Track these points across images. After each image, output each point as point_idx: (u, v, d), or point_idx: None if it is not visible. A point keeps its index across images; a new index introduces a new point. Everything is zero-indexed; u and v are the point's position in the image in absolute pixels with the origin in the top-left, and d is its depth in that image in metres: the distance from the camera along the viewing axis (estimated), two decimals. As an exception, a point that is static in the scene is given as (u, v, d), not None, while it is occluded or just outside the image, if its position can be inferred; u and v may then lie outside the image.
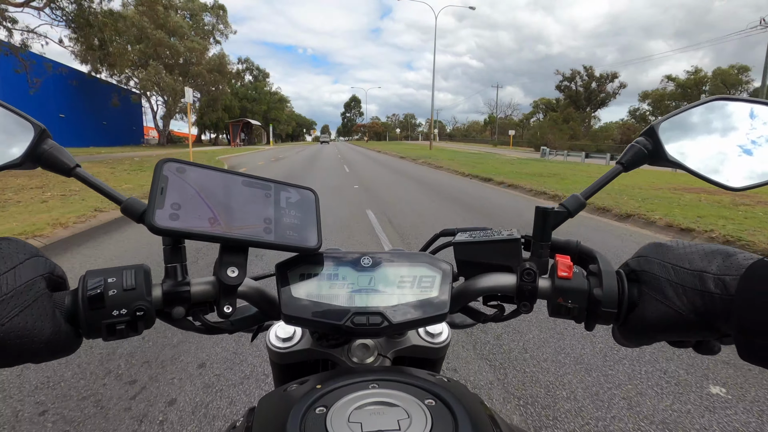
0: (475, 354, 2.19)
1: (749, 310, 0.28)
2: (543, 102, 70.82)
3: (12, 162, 0.35)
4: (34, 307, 0.30)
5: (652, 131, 0.42)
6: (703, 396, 1.85)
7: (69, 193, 6.72)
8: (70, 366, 1.98)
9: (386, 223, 5.45)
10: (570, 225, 3.33)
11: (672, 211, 6.09)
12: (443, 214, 6.24)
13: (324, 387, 0.31)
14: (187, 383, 1.89)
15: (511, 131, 49.63)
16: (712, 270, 0.32)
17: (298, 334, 0.50)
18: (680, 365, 2.09)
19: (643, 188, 9.09)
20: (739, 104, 0.42)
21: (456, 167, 14.90)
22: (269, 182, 0.40)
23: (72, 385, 1.86)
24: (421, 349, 0.50)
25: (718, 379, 1.97)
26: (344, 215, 5.94)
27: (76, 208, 5.54)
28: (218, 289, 0.37)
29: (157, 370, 1.98)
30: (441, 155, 22.82)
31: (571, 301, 0.37)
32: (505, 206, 7.23)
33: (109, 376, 1.92)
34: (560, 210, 0.41)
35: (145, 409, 1.70)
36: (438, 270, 0.41)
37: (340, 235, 4.74)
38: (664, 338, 0.35)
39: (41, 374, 1.92)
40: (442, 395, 0.30)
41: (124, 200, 0.36)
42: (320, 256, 0.41)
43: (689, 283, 0.33)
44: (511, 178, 11.01)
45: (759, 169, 0.40)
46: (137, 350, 2.14)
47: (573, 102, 57.33)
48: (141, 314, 0.33)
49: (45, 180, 8.30)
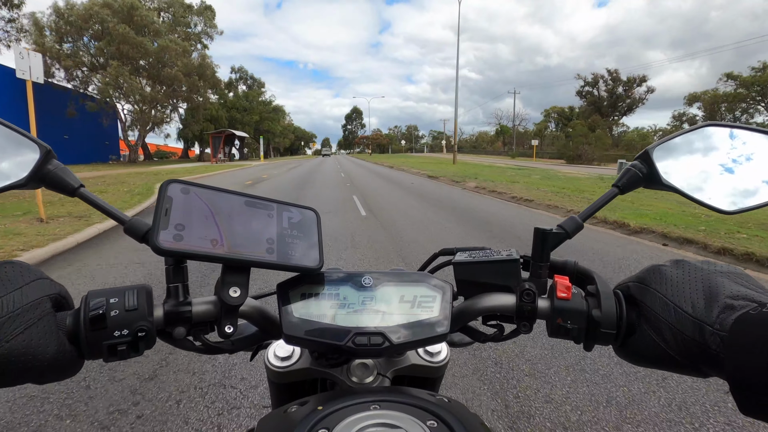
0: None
1: (739, 368, 0.28)
2: (555, 110, 65.32)
3: (17, 182, 0.35)
4: (39, 326, 0.30)
5: (647, 155, 0.43)
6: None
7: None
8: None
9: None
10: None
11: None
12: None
13: (325, 408, 0.31)
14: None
15: (535, 141, 43.73)
16: (713, 321, 0.31)
17: (296, 353, 0.49)
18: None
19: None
20: (729, 130, 0.44)
21: (536, 197, 8.77)
22: (272, 203, 0.40)
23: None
24: (421, 368, 0.50)
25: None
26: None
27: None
28: (219, 309, 0.37)
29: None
30: (478, 173, 16.76)
31: (570, 322, 0.38)
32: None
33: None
34: (558, 231, 0.42)
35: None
36: (438, 290, 0.41)
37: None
38: (656, 368, 0.36)
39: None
40: (444, 416, 0.30)
41: (128, 220, 0.37)
42: (321, 275, 0.41)
43: (689, 331, 0.32)
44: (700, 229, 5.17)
45: (750, 194, 0.42)
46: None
47: (597, 108, 51.64)
48: (142, 335, 0.33)
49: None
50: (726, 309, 0.31)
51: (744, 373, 0.27)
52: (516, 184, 11.67)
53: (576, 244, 4.58)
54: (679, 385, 1.98)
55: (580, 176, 15.60)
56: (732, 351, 0.29)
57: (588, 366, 2.15)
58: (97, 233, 5.22)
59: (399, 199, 9.40)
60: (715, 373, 0.31)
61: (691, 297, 0.33)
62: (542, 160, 41.01)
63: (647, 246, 4.91)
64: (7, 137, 0.36)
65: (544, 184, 11.78)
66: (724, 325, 0.30)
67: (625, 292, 0.38)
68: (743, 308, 0.30)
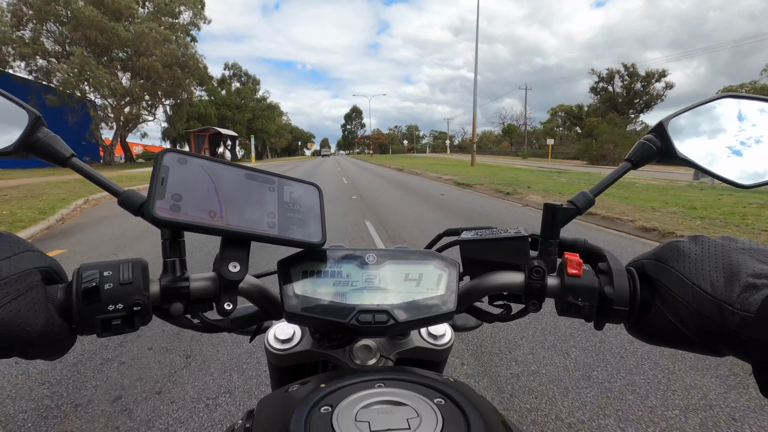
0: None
1: (766, 350, 0.27)
2: (563, 109, 61.79)
3: (3, 150, 0.34)
4: (27, 297, 0.29)
5: (662, 128, 0.41)
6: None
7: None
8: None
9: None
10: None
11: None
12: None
13: (328, 386, 0.30)
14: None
15: (550, 140, 40.30)
16: (733, 300, 0.29)
17: (297, 335, 0.48)
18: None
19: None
20: (749, 102, 0.43)
21: (625, 214, 5.13)
22: (272, 176, 0.39)
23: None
24: (424, 350, 0.49)
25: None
26: None
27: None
28: (218, 285, 0.36)
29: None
30: (517, 178, 13.12)
31: (581, 300, 0.37)
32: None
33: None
34: (569, 207, 0.41)
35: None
36: (444, 268, 0.40)
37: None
38: (670, 347, 0.35)
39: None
40: (452, 394, 0.29)
41: (122, 192, 0.36)
42: (324, 252, 0.40)
43: (707, 311, 0.30)
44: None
45: (766, 167, 0.41)
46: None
47: (612, 106, 48.12)
48: (138, 309, 0.32)
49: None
50: (747, 288, 0.29)
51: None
52: (623, 201, 7.39)
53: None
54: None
55: (661, 184, 11.45)
56: (759, 332, 0.27)
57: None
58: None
59: (444, 228, 5.53)
60: (734, 353, 0.30)
61: (710, 275, 0.31)
62: (558, 161, 37.60)
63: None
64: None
65: (644, 198, 7.88)
66: (745, 304, 0.29)
67: (638, 269, 0.37)
68: (766, 287, 0.29)
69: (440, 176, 14.93)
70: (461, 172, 16.88)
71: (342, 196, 9.78)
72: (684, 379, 1.94)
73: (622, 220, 5.65)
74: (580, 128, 53.97)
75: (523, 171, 17.80)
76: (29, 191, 8.91)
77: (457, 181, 12.68)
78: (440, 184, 13.07)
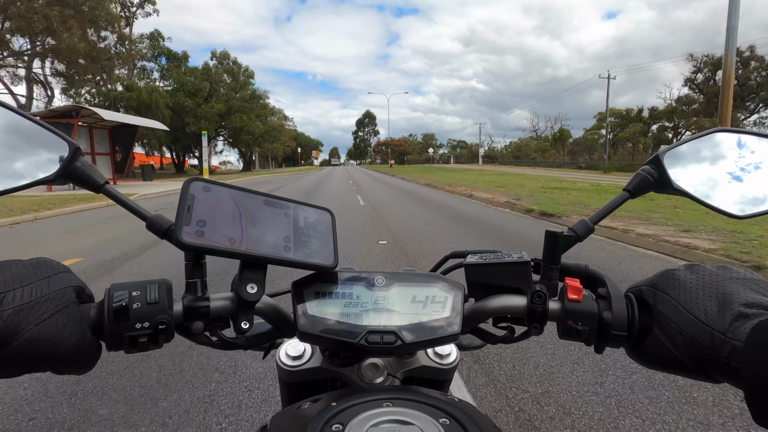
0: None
1: (755, 377, 0.30)
2: (614, 113, 57.22)
3: (47, 178, 0.41)
4: (64, 313, 0.35)
5: (658, 160, 0.48)
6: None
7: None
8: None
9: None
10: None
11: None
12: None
13: (339, 405, 0.35)
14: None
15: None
16: (725, 329, 0.34)
17: (308, 352, 0.55)
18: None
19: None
20: (740, 136, 0.50)
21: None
22: (289, 202, 0.46)
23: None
24: (430, 369, 0.55)
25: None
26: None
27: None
28: (237, 305, 0.42)
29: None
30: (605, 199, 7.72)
31: (581, 324, 0.42)
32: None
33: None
34: (569, 234, 0.47)
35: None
36: (450, 291, 0.46)
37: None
38: (667, 372, 0.40)
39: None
40: (456, 415, 0.34)
41: (150, 216, 0.42)
42: (335, 274, 0.46)
43: (700, 339, 0.35)
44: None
45: (758, 199, 0.48)
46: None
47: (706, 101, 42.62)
48: (163, 328, 0.38)
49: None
50: (739, 317, 0.34)
51: (761, 382, 0.30)
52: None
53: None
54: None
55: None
56: (749, 359, 0.31)
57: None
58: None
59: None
60: (727, 380, 0.35)
61: (703, 303, 0.37)
62: (617, 174, 32.99)
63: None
64: (39, 134, 0.42)
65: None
66: (736, 333, 0.33)
67: (637, 295, 0.43)
68: (757, 316, 0.33)
69: (513, 201, 11.22)
70: (531, 192, 13.67)
71: (361, 232, 6.86)
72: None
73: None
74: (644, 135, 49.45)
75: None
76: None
77: (538, 210, 9.41)
78: (515, 216, 9.57)
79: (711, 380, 0.37)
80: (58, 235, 7.16)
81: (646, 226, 6.71)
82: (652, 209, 8.55)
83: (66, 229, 7.88)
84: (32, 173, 0.41)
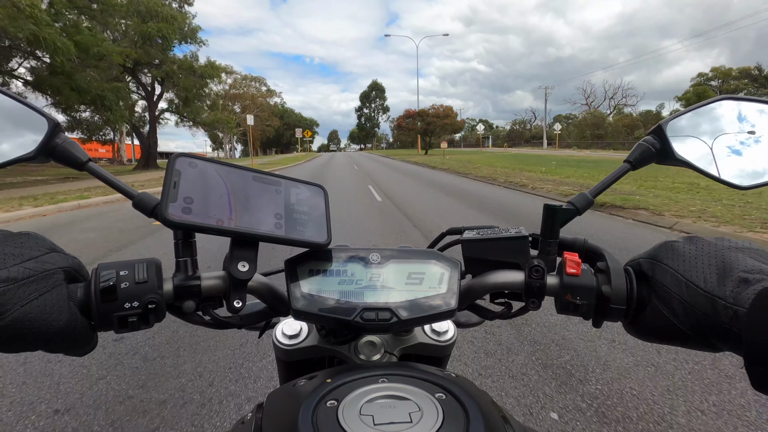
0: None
1: (757, 344, 0.30)
2: (722, 74, 41.43)
3: (26, 155, 0.40)
4: (52, 294, 0.35)
5: (660, 130, 0.48)
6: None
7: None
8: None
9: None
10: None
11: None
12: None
13: (334, 381, 0.35)
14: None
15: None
16: (726, 295, 0.34)
17: (304, 331, 0.55)
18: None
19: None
20: (745, 104, 0.49)
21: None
22: (279, 178, 0.45)
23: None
24: (427, 346, 0.55)
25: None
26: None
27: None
28: (228, 284, 0.42)
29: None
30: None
31: (580, 298, 0.42)
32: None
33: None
34: (568, 207, 0.47)
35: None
36: (446, 267, 0.46)
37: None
38: (666, 344, 0.40)
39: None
40: (453, 389, 0.34)
41: (136, 195, 0.42)
42: (329, 252, 0.46)
43: (701, 306, 0.35)
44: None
45: (762, 169, 0.46)
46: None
47: None
48: (152, 307, 0.38)
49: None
50: (741, 283, 0.34)
51: (762, 348, 0.30)
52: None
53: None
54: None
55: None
56: (752, 325, 0.31)
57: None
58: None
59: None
60: (728, 347, 0.35)
61: (703, 272, 0.37)
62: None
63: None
64: (15, 110, 0.41)
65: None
66: (738, 299, 0.33)
67: (635, 268, 0.43)
68: (760, 282, 0.33)
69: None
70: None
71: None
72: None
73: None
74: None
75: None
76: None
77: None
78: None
79: (711, 349, 0.37)
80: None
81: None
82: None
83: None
84: (10, 152, 0.40)
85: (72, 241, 5.39)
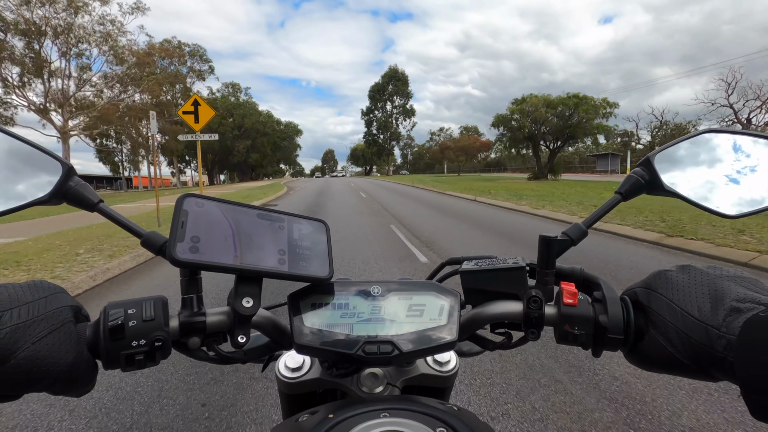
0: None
1: (749, 371, 0.31)
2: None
3: (40, 199, 0.41)
4: (60, 332, 0.36)
5: (648, 162, 0.49)
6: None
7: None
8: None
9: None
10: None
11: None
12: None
13: (336, 417, 0.36)
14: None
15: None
16: (719, 324, 0.35)
17: (307, 363, 0.56)
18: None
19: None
20: (728, 136, 0.51)
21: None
22: (283, 215, 0.46)
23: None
24: (430, 377, 0.56)
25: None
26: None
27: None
28: (233, 320, 0.43)
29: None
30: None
31: (578, 328, 0.43)
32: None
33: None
34: (563, 238, 0.48)
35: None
36: (446, 298, 0.47)
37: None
38: (667, 374, 0.40)
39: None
40: (453, 424, 0.34)
41: (145, 234, 0.43)
42: (331, 285, 0.47)
43: (696, 335, 0.36)
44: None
45: (749, 198, 0.48)
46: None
47: None
48: (159, 345, 0.39)
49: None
50: (732, 312, 0.35)
51: (755, 376, 0.30)
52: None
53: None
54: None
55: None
56: (743, 353, 0.32)
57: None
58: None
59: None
60: (724, 376, 0.35)
61: (697, 301, 0.37)
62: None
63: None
64: (30, 155, 0.42)
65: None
66: (731, 328, 0.34)
67: (632, 297, 0.43)
68: (750, 311, 0.34)
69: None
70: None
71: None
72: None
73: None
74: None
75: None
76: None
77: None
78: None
79: (710, 378, 0.37)
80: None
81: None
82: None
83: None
84: (26, 194, 0.41)
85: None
